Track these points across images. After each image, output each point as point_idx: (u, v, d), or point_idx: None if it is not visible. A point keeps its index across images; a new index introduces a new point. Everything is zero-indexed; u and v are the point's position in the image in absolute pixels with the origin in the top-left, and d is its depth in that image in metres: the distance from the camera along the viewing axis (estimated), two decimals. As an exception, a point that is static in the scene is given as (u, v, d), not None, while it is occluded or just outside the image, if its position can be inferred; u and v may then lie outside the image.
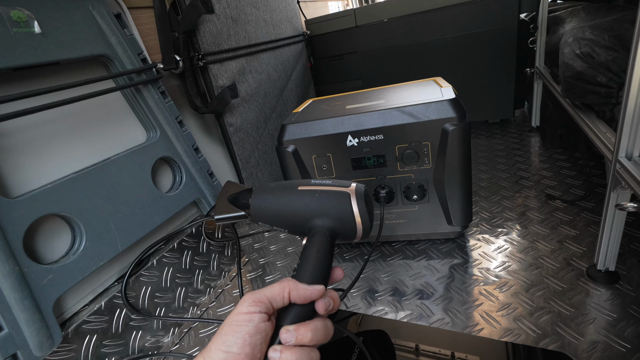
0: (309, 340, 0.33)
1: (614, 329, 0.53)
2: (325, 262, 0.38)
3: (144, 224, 0.73)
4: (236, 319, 0.33)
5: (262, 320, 0.33)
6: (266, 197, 0.42)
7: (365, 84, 1.54)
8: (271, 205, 0.41)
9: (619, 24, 0.67)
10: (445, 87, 0.76)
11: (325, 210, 0.40)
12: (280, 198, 0.41)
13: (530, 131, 1.29)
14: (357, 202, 0.40)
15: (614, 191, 0.53)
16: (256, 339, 0.32)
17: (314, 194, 0.40)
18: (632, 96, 0.46)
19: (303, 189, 0.41)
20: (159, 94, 0.81)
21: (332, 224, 0.39)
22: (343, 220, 0.40)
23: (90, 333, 0.63)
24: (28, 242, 0.58)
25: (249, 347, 0.31)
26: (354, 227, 0.40)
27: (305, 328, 0.33)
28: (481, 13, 1.25)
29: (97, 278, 0.69)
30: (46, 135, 0.63)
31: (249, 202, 0.42)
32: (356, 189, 0.41)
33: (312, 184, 0.41)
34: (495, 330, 0.58)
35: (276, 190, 0.42)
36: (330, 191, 0.40)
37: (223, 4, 0.98)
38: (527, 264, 0.69)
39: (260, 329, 0.32)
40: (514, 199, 0.91)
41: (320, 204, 0.40)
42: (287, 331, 0.33)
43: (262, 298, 0.34)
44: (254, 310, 0.33)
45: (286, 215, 0.41)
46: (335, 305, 0.37)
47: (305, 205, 0.40)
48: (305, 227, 0.40)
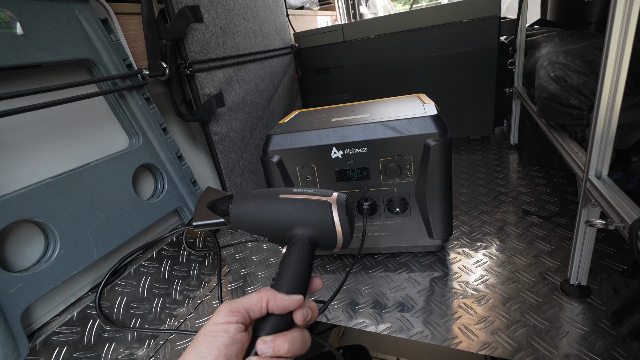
0: (286, 352, 0.32)
1: (586, 342, 0.54)
2: (305, 271, 0.37)
3: (122, 232, 0.71)
4: (211, 330, 0.32)
5: (238, 330, 0.32)
6: (247, 205, 0.41)
7: (351, 97, 1.56)
8: (251, 213, 0.41)
9: (589, 50, 0.71)
10: (428, 103, 0.78)
11: (306, 219, 0.39)
12: (261, 206, 0.41)
13: (509, 148, 1.34)
14: (339, 212, 0.39)
15: (584, 208, 0.55)
16: (232, 350, 0.31)
17: (295, 203, 0.40)
18: (600, 119, 0.49)
19: (284, 197, 0.40)
20: (143, 100, 0.80)
21: (313, 233, 0.39)
22: (324, 230, 0.39)
23: (60, 345, 0.60)
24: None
25: (223, 358, 0.30)
26: (334, 236, 0.40)
27: (282, 339, 0.33)
28: (464, 34, 1.30)
29: (70, 287, 0.66)
30: (24, 138, 0.62)
31: (229, 209, 0.41)
32: (337, 198, 0.41)
33: (293, 192, 0.41)
34: (473, 343, 0.58)
35: (257, 198, 0.41)
36: (312, 200, 0.40)
37: (212, 13, 0.98)
38: (505, 278, 0.71)
39: (236, 340, 0.32)
40: (492, 213, 0.94)
41: (301, 212, 0.39)
42: (264, 342, 0.32)
43: (239, 308, 0.33)
44: (230, 321, 0.32)
45: (266, 223, 0.40)
46: (313, 315, 0.36)
47: (286, 214, 0.40)
48: (286, 235, 0.40)
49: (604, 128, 0.49)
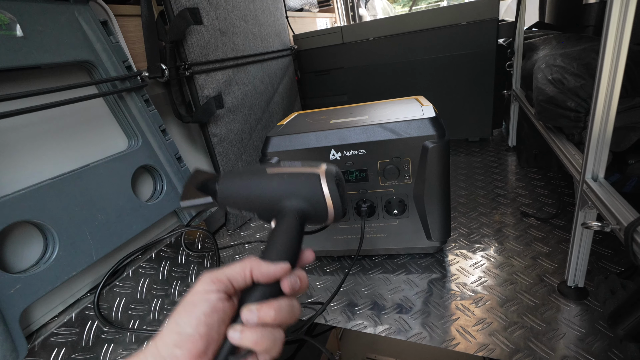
0: (272, 320, 0.31)
1: (583, 344, 0.55)
2: (293, 242, 0.36)
3: (121, 233, 0.71)
4: (191, 299, 0.31)
5: (219, 299, 0.31)
6: (234, 182, 0.40)
7: (350, 99, 1.57)
8: (239, 189, 0.40)
9: (586, 53, 0.72)
10: (426, 105, 0.78)
11: (295, 192, 0.38)
12: (249, 182, 0.40)
13: (507, 150, 1.34)
14: (328, 183, 0.38)
15: (581, 210, 0.55)
16: (212, 319, 0.30)
17: (282, 177, 0.39)
18: (596, 121, 0.49)
19: (272, 172, 0.40)
20: (142, 102, 0.81)
21: (302, 206, 0.38)
22: (313, 202, 0.38)
23: (59, 346, 0.60)
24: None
25: (203, 327, 0.29)
26: (324, 208, 0.38)
27: (268, 306, 0.31)
28: (462, 37, 1.30)
29: (69, 288, 0.66)
30: (23, 139, 0.62)
31: (216, 187, 0.40)
32: (326, 169, 0.39)
33: (281, 166, 0.40)
34: (470, 345, 0.59)
35: (244, 175, 0.41)
36: (300, 173, 0.39)
37: (212, 16, 0.99)
38: (502, 280, 0.71)
39: (217, 309, 0.30)
40: (491, 215, 0.94)
41: (289, 186, 0.39)
42: (249, 310, 0.31)
43: (220, 277, 0.32)
44: (210, 289, 0.31)
45: (254, 199, 0.39)
46: (302, 284, 0.35)
47: (274, 189, 0.39)
48: (275, 210, 0.39)
49: (601, 130, 0.49)
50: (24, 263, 0.59)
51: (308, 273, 0.84)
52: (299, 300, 0.75)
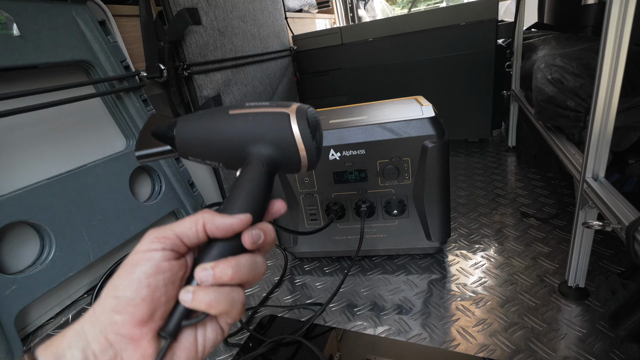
0: (230, 278, 0.27)
1: (584, 344, 0.54)
2: (258, 191, 0.32)
3: (118, 234, 0.71)
4: (132, 259, 0.27)
5: (165, 258, 0.27)
6: (193, 126, 0.35)
7: (349, 100, 1.57)
8: (199, 134, 0.35)
9: (585, 53, 0.71)
10: (425, 105, 0.78)
11: (261, 135, 0.34)
12: (209, 125, 0.35)
13: (506, 151, 1.34)
14: (299, 124, 0.33)
15: (582, 210, 0.55)
16: (157, 280, 0.26)
17: (247, 118, 0.34)
18: (596, 121, 0.49)
19: (235, 113, 0.35)
20: (140, 102, 0.80)
21: (271, 152, 0.34)
22: (282, 146, 0.34)
23: (55, 348, 0.59)
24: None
25: (146, 289, 0.26)
26: (296, 153, 0.34)
27: (225, 264, 0.28)
28: (462, 37, 1.30)
29: (66, 289, 0.66)
30: (20, 139, 0.61)
31: (175, 132, 0.35)
32: (297, 108, 0.34)
33: (246, 107, 0.35)
34: (471, 345, 0.58)
35: (204, 117, 0.36)
36: (267, 113, 0.34)
37: (210, 16, 0.99)
38: (503, 280, 0.71)
39: (163, 269, 0.27)
40: (491, 216, 0.94)
41: (254, 128, 0.34)
42: (203, 269, 0.27)
43: (167, 233, 0.28)
44: (154, 248, 0.27)
45: (217, 144, 0.35)
46: (267, 238, 0.31)
47: (238, 131, 0.34)
48: (240, 157, 0.34)
49: (601, 130, 0.49)
50: (20, 264, 0.58)
51: (307, 274, 0.83)
52: (300, 302, 0.75)
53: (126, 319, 0.25)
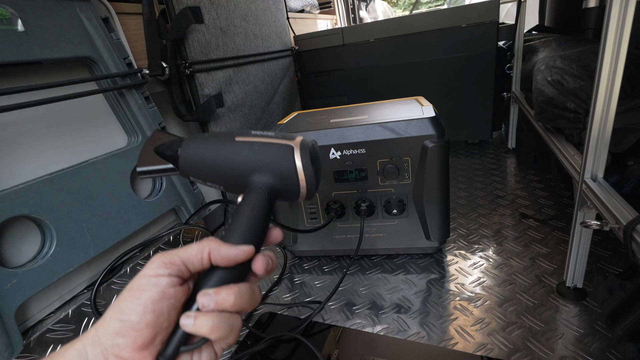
0: (231, 305, 0.29)
1: (581, 344, 0.55)
2: (259, 221, 0.34)
3: (119, 230, 0.71)
4: (139, 283, 0.28)
5: (171, 284, 0.28)
6: (198, 148, 0.36)
7: (350, 100, 1.57)
8: (204, 157, 0.36)
9: (586, 55, 0.72)
10: (426, 105, 0.78)
11: (265, 164, 0.35)
12: (215, 149, 0.36)
13: (506, 152, 1.34)
14: (302, 157, 0.35)
15: (580, 210, 0.55)
16: (162, 306, 0.27)
17: (252, 146, 0.35)
18: (595, 122, 0.49)
19: (241, 140, 0.36)
20: (142, 99, 0.81)
21: (272, 181, 0.35)
22: (284, 177, 0.35)
23: (55, 342, 0.60)
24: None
25: (151, 315, 0.26)
26: (296, 185, 0.36)
27: (227, 290, 0.29)
28: (463, 39, 1.31)
29: (66, 284, 0.66)
30: (23, 134, 0.62)
31: (178, 152, 0.36)
32: (302, 142, 0.36)
33: (252, 135, 0.36)
34: (469, 344, 0.58)
35: (210, 140, 0.37)
36: (272, 143, 0.36)
37: (213, 15, 0.99)
38: (501, 280, 0.71)
39: (168, 295, 0.27)
40: (490, 216, 0.94)
41: (259, 157, 0.35)
42: (206, 294, 0.28)
43: (173, 259, 0.29)
44: (161, 273, 0.28)
45: (220, 169, 0.36)
46: (273, 265, 0.33)
47: (243, 159, 0.35)
48: (242, 183, 0.36)
49: (600, 131, 0.49)
50: (21, 258, 0.59)
51: (307, 273, 0.84)
52: (299, 300, 0.75)
53: (129, 342, 0.26)
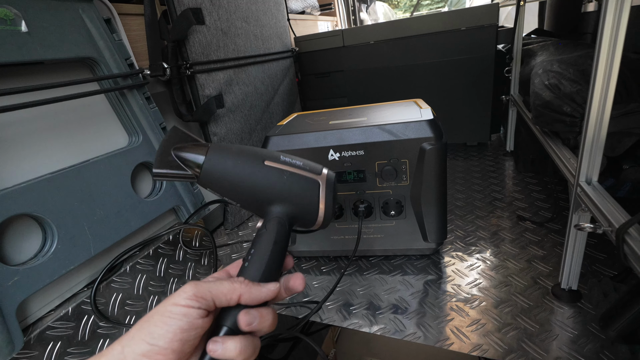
0: (269, 326, 0.32)
1: (575, 345, 0.55)
2: (282, 254, 0.35)
3: (119, 229, 0.72)
4: (170, 310, 0.29)
5: (199, 316, 0.29)
6: (225, 163, 0.35)
7: (350, 101, 1.58)
8: (229, 173, 0.35)
9: (583, 59, 0.73)
10: (424, 108, 0.79)
11: (291, 195, 0.36)
12: (243, 169, 0.35)
13: (505, 155, 1.35)
14: (326, 192, 0.36)
15: (575, 213, 0.56)
16: (189, 335, 0.28)
17: (282, 175, 0.35)
18: (590, 126, 0.50)
19: (271, 165, 0.35)
20: (144, 100, 0.81)
21: (293, 211, 0.36)
22: (306, 209, 0.36)
23: (55, 339, 0.60)
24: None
25: (178, 342, 0.28)
26: (315, 216, 0.37)
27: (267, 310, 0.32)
28: (462, 42, 1.32)
29: (66, 282, 0.67)
30: (25, 134, 0.62)
31: (203, 162, 0.34)
32: (327, 177, 0.37)
33: (281, 162, 0.36)
34: (464, 345, 0.59)
35: (239, 157, 0.35)
36: (301, 175, 0.36)
37: (214, 16, 1.00)
38: (497, 282, 0.72)
39: (195, 326, 0.29)
40: (487, 218, 0.95)
41: (287, 187, 0.35)
42: (248, 313, 0.31)
43: (205, 294, 0.30)
44: (192, 305, 0.29)
45: (245, 190, 0.35)
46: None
47: (270, 185, 0.35)
48: (263, 206, 0.36)
49: (594, 135, 0.50)
50: (23, 256, 0.59)
51: (305, 273, 0.84)
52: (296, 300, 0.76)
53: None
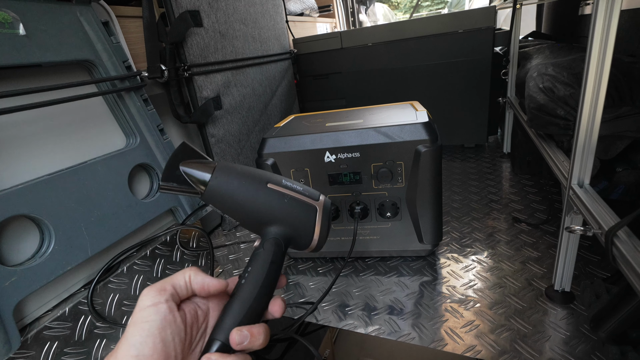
0: (260, 344, 0.32)
1: (567, 347, 0.56)
2: (277, 272, 0.37)
3: (116, 230, 0.72)
4: (140, 316, 0.29)
5: (169, 310, 0.30)
6: (230, 183, 0.37)
7: (348, 103, 1.59)
8: (233, 192, 0.37)
9: (577, 63, 0.73)
10: (420, 110, 0.80)
11: (289, 217, 0.38)
12: (247, 189, 0.37)
13: (501, 157, 1.36)
14: (322, 218, 0.39)
15: (568, 216, 0.57)
16: (166, 333, 0.28)
17: (283, 198, 0.38)
18: (582, 129, 0.50)
19: (273, 189, 0.38)
20: (141, 101, 0.82)
21: (290, 232, 0.38)
22: (302, 232, 0.39)
23: (51, 339, 0.61)
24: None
25: (160, 344, 0.28)
26: (309, 240, 0.39)
27: (259, 330, 0.32)
28: (459, 44, 1.32)
29: (63, 283, 0.67)
30: (23, 135, 0.63)
31: (209, 180, 0.36)
32: (324, 204, 0.40)
33: (282, 186, 0.39)
34: (458, 345, 0.59)
35: (243, 178, 0.38)
36: (300, 200, 0.39)
37: (212, 18, 1.00)
38: (492, 283, 0.72)
39: (170, 321, 0.29)
40: (483, 220, 0.95)
41: (286, 210, 0.38)
42: (239, 331, 0.32)
43: (164, 286, 0.31)
44: (159, 300, 0.30)
45: (247, 210, 0.38)
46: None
47: (271, 207, 0.38)
48: (262, 227, 0.38)
49: (586, 138, 0.51)
50: (20, 256, 0.60)
51: (301, 274, 0.85)
52: (293, 300, 0.76)
53: None
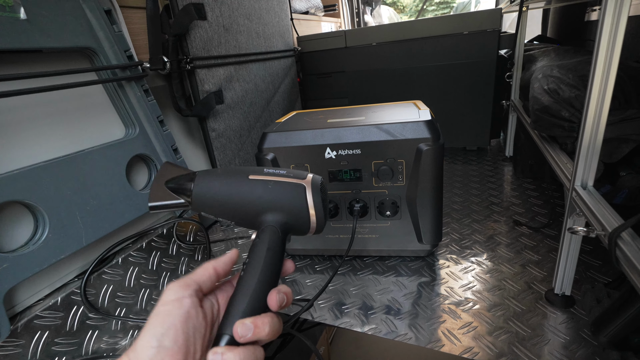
0: (266, 335, 0.31)
1: (566, 351, 0.55)
2: (275, 259, 0.36)
3: (112, 220, 0.71)
4: (163, 309, 0.29)
5: (193, 305, 0.30)
6: (212, 185, 0.37)
7: (351, 102, 1.58)
8: (217, 194, 0.37)
9: (582, 65, 0.72)
10: (423, 109, 0.79)
11: (279, 203, 0.37)
12: (229, 187, 0.37)
13: (504, 160, 1.35)
14: (313, 196, 0.37)
15: (570, 217, 0.56)
16: (188, 327, 0.29)
17: (266, 185, 0.37)
18: (587, 131, 0.50)
19: (255, 178, 0.37)
20: (142, 92, 0.81)
21: (285, 218, 0.37)
22: (297, 215, 0.37)
23: (42, 329, 0.60)
24: (-14, 229, 0.56)
25: (182, 337, 0.28)
26: (307, 221, 0.38)
27: (263, 320, 0.31)
28: (464, 46, 1.32)
29: (57, 272, 0.66)
30: (20, 121, 0.62)
31: (192, 188, 0.37)
32: (312, 180, 0.38)
33: (264, 173, 0.38)
34: (455, 347, 0.58)
35: (224, 177, 0.38)
36: (285, 182, 0.38)
37: (216, 12, 1.00)
38: (491, 285, 0.71)
39: (192, 315, 0.29)
40: (484, 222, 0.94)
41: (273, 196, 0.37)
42: (243, 324, 0.31)
43: (188, 282, 0.31)
44: (182, 295, 0.30)
45: (234, 206, 0.37)
46: (288, 300, 0.35)
47: (257, 197, 0.37)
48: (255, 220, 0.37)
49: (591, 140, 0.50)
50: (13, 243, 0.59)
51: (299, 271, 0.84)
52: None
53: None
